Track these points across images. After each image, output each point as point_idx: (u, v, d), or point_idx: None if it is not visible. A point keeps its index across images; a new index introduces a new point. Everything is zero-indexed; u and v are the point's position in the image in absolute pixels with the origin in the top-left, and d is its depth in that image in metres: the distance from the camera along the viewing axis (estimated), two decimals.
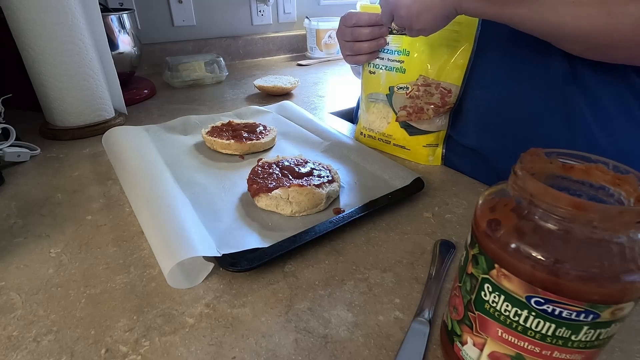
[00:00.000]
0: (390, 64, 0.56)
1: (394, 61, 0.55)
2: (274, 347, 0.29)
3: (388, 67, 0.56)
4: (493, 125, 0.51)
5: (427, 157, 0.57)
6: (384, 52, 0.56)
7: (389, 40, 0.55)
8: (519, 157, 0.23)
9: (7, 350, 0.29)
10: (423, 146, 0.57)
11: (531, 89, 0.47)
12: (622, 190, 0.21)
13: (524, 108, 0.48)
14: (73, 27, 0.60)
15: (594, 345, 0.20)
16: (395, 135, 0.58)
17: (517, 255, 0.20)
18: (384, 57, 0.56)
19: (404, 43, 0.54)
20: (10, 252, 0.39)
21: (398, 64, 0.55)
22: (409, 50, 0.54)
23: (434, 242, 0.40)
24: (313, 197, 0.44)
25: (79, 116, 0.65)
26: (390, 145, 0.60)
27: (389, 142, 0.59)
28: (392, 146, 0.59)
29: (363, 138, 0.63)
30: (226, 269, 0.35)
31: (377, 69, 0.58)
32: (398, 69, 0.55)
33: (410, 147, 0.58)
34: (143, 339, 0.30)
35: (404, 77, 0.55)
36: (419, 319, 0.31)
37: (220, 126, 0.63)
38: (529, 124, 0.48)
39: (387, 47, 0.55)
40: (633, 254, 0.18)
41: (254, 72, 1.15)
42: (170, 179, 0.46)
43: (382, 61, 0.57)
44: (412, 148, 0.58)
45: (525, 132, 0.48)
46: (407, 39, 0.53)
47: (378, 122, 0.60)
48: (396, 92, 0.56)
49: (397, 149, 0.59)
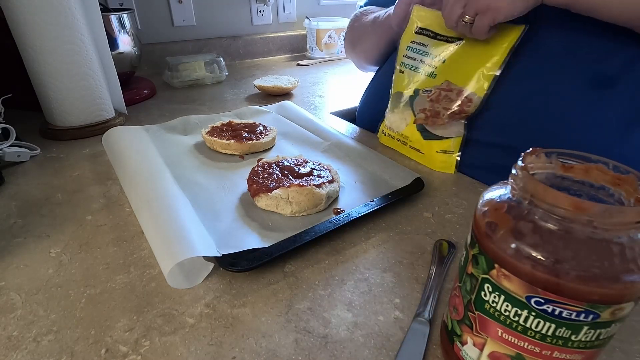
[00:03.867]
0: (423, 67, 0.56)
1: (429, 65, 0.55)
2: (274, 347, 0.29)
3: (420, 69, 0.56)
4: (512, 123, 0.50)
5: (440, 163, 0.55)
6: (422, 54, 0.56)
7: (427, 44, 0.55)
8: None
9: (7, 350, 0.29)
10: (437, 152, 0.55)
11: (557, 90, 0.47)
12: (622, 190, 0.21)
13: (547, 108, 0.48)
14: (73, 27, 0.60)
15: (594, 345, 0.20)
16: (411, 138, 0.57)
17: (517, 255, 0.20)
18: (421, 59, 0.56)
19: (445, 50, 0.54)
20: (10, 252, 0.39)
21: (431, 68, 0.55)
22: (446, 59, 0.54)
23: (434, 242, 0.40)
24: (313, 197, 0.44)
25: (79, 116, 0.65)
26: (407, 147, 0.59)
27: (406, 144, 0.59)
28: (409, 148, 0.58)
29: (384, 136, 0.63)
30: (226, 269, 0.35)
31: (407, 68, 0.57)
32: (429, 74, 0.55)
33: (425, 152, 0.56)
34: (143, 339, 0.30)
35: (432, 82, 0.55)
36: (419, 319, 0.31)
37: (220, 126, 0.63)
38: (550, 124, 0.48)
39: (427, 50, 0.55)
40: (633, 254, 0.18)
41: (254, 72, 1.15)
42: (170, 179, 0.46)
43: (415, 62, 0.56)
44: (426, 152, 0.56)
45: (545, 133, 0.48)
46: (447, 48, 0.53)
47: (398, 122, 0.59)
48: (420, 94, 0.55)
49: (413, 151, 0.58)
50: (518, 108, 0.50)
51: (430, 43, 0.55)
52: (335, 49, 1.33)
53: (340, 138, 0.61)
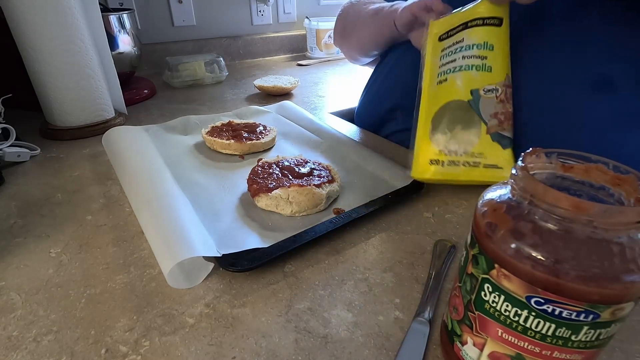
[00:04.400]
0: (468, 61, 0.45)
1: (475, 57, 0.44)
2: (274, 347, 0.29)
3: (465, 66, 0.45)
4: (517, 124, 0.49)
5: None
6: (462, 49, 0.45)
7: (462, 38, 0.45)
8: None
9: (7, 350, 0.29)
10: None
11: (561, 90, 0.46)
12: (622, 190, 0.21)
13: (552, 109, 0.47)
14: (73, 27, 0.60)
15: (594, 345, 0.20)
16: (486, 153, 0.44)
17: (517, 255, 0.20)
18: (462, 55, 0.45)
19: (486, 34, 0.44)
20: (10, 252, 0.39)
21: (480, 60, 0.44)
22: (492, 44, 0.44)
23: (434, 242, 0.40)
24: (313, 197, 0.44)
25: (79, 116, 0.65)
26: (478, 169, 0.44)
27: (478, 165, 0.44)
28: (482, 169, 0.44)
29: (437, 169, 0.45)
30: (226, 269, 0.35)
31: (449, 74, 0.46)
32: (480, 66, 0.44)
33: (504, 165, 0.44)
34: (143, 339, 0.30)
35: (491, 77, 0.44)
36: (419, 319, 0.31)
37: (220, 126, 0.63)
38: (552, 124, 0.47)
39: (462, 42, 0.46)
40: (633, 254, 0.18)
41: (254, 72, 1.15)
42: (170, 179, 0.46)
43: (457, 61, 0.46)
44: (506, 166, 0.44)
45: (546, 133, 0.47)
46: (489, 30, 0.44)
47: (464, 138, 0.45)
48: (483, 95, 0.44)
49: (488, 171, 0.44)
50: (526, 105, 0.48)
51: (464, 35, 0.45)
52: (335, 49, 1.33)
53: (341, 138, 0.61)
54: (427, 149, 0.46)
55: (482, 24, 0.44)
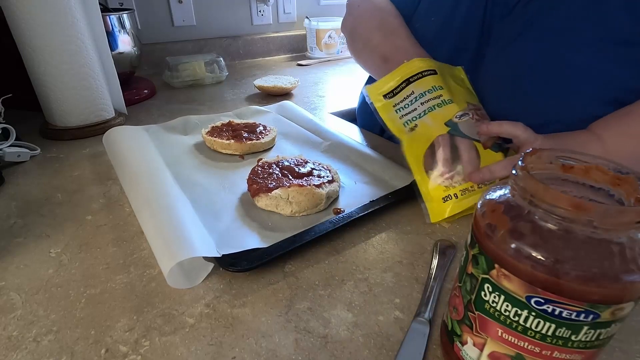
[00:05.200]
0: (428, 104, 0.48)
1: (432, 99, 0.48)
2: (274, 347, 0.29)
3: (428, 108, 0.48)
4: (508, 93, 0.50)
5: None
6: (415, 100, 0.49)
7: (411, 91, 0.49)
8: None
9: (7, 350, 0.29)
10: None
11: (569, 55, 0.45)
12: (622, 190, 0.21)
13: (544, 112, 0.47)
14: (73, 27, 0.60)
15: (594, 345, 0.20)
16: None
17: (517, 255, 0.20)
18: (416, 105, 0.48)
19: (430, 81, 0.49)
20: (10, 252, 0.39)
21: (437, 99, 0.47)
22: (439, 85, 0.48)
23: (434, 242, 0.40)
24: (313, 197, 0.44)
25: (79, 116, 0.65)
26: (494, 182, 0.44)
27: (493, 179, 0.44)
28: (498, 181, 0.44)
29: (454, 203, 0.44)
30: (226, 269, 0.35)
31: (416, 120, 0.48)
32: (440, 103, 0.47)
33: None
34: (143, 339, 0.30)
35: (455, 106, 0.46)
36: (419, 319, 0.31)
37: (220, 126, 0.63)
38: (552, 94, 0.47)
39: (413, 94, 0.49)
40: (633, 254, 0.18)
41: (254, 72, 1.15)
42: (170, 179, 0.46)
43: (417, 110, 0.48)
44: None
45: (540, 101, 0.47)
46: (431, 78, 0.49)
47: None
48: (459, 121, 0.46)
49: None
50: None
51: (412, 89, 0.49)
52: (335, 49, 1.33)
53: (340, 138, 0.61)
54: (434, 190, 0.45)
55: (422, 76, 0.49)
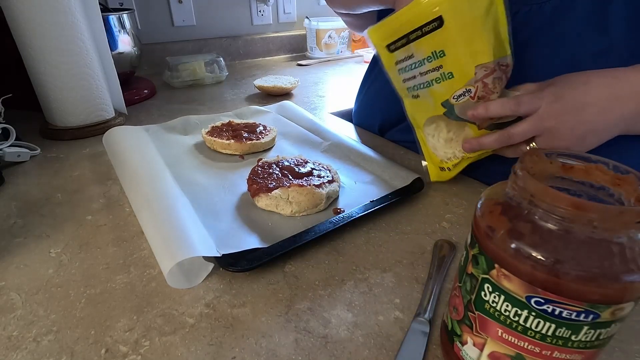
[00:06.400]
0: (426, 77, 0.43)
1: (430, 71, 0.42)
2: (274, 347, 0.29)
3: (426, 82, 0.43)
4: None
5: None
6: (416, 66, 0.43)
7: (411, 53, 0.42)
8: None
9: (7, 350, 0.29)
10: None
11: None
12: (622, 190, 0.21)
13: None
14: (73, 27, 0.60)
15: (594, 345, 0.20)
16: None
17: (517, 255, 0.20)
18: (419, 71, 0.43)
19: (431, 43, 0.40)
20: (10, 252, 0.39)
21: (437, 72, 0.42)
22: (441, 49, 0.40)
23: (434, 242, 0.40)
24: (313, 197, 0.44)
25: (79, 116, 0.65)
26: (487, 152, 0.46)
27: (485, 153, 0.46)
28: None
29: (447, 173, 0.49)
30: (226, 269, 0.35)
31: (418, 90, 0.45)
32: (439, 77, 0.42)
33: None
34: (143, 339, 0.30)
35: (456, 82, 0.41)
36: (419, 319, 0.31)
37: (220, 126, 0.63)
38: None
39: (412, 58, 0.42)
40: (633, 254, 0.18)
41: (254, 72, 1.15)
42: (170, 179, 0.46)
43: (416, 78, 0.44)
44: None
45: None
46: (431, 38, 0.40)
47: (460, 143, 0.46)
48: (456, 103, 0.43)
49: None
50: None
51: (412, 50, 0.42)
52: (336, 49, 1.33)
53: (340, 138, 0.61)
54: (432, 158, 0.49)
55: (422, 34, 0.40)
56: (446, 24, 0.38)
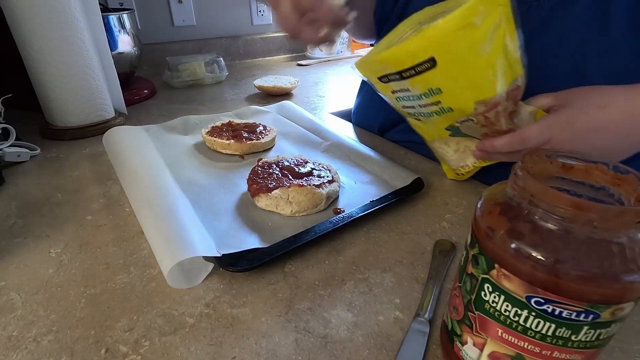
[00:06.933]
0: (427, 109, 0.41)
1: (429, 105, 0.40)
2: (274, 347, 0.29)
3: (427, 113, 0.42)
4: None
5: None
6: (413, 99, 0.41)
7: (407, 87, 0.40)
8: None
9: (7, 350, 0.29)
10: None
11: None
12: (622, 190, 0.21)
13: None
14: (73, 27, 0.60)
15: (594, 345, 0.20)
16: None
17: (517, 255, 0.20)
18: (414, 104, 0.42)
19: (426, 81, 0.38)
20: (10, 252, 0.39)
21: (435, 106, 0.40)
22: (437, 87, 0.38)
23: (434, 242, 0.40)
24: (313, 197, 0.44)
25: (79, 116, 0.65)
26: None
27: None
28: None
29: (463, 176, 0.51)
30: (226, 269, 0.35)
31: (419, 117, 0.45)
32: (439, 111, 0.40)
33: None
34: (143, 339, 0.30)
35: (456, 114, 0.40)
36: (419, 319, 0.31)
37: (220, 126, 0.63)
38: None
39: (408, 91, 0.40)
40: (633, 254, 0.18)
41: (254, 72, 1.15)
42: (170, 179, 0.46)
43: (415, 109, 0.43)
44: None
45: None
46: (426, 77, 0.37)
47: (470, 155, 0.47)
48: (461, 126, 0.42)
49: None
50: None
51: (408, 85, 0.40)
52: (336, 49, 1.33)
53: (340, 138, 0.61)
54: (445, 163, 0.52)
55: (415, 73, 0.37)
56: (439, 64, 0.35)
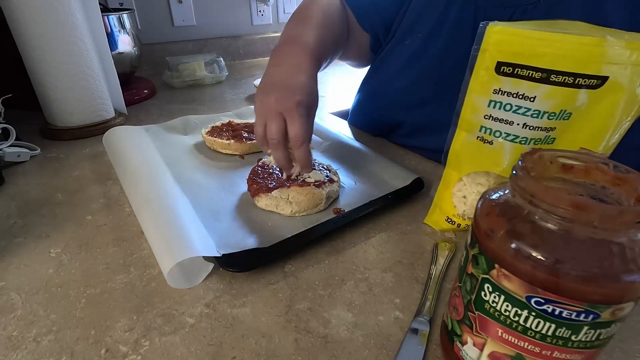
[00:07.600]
0: (530, 133, 0.32)
1: (540, 129, 0.31)
2: (274, 347, 0.29)
3: (523, 139, 0.32)
4: None
5: None
6: (508, 110, 0.32)
7: (523, 92, 0.30)
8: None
9: (7, 350, 0.29)
10: None
11: None
12: (622, 190, 0.21)
13: None
14: (73, 27, 0.60)
15: (594, 345, 0.20)
16: None
17: (517, 255, 0.20)
18: (516, 118, 0.32)
19: (570, 98, 0.29)
20: (10, 252, 0.39)
21: (544, 132, 0.31)
22: (570, 112, 0.30)
23: (434, 242, 0.40)
24: (313, 197, 0.44)
25: (79, 116, 0.65)
26: None
27: None
28: None
29: (453, 228, 0.41)
30: (226, 269, 0.35)
31: (496, 137, 0.33)
32: (541, 140, 0.32)
33: None
34: (143, 339, 0.30)
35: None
36: (419, 319, 0.31)
37: (220, 126, 0.63)
38: None
39: (529, 101, 0.30)
40: (633, 254, 0.18)
41: (254, 72, 1.15)
42: (170, 179, 0.46)
43: (512, 126, 0.32)
44: None
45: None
46: (574, 94, 0.29)
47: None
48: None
49: None
50: None
51: (537, 92, 0.30)
52: None
53: (340, 138, 0.61)
54: (448, 205, 0.40)
55: (573, 84, 0.28)
56: (603, 88, 0.28)
